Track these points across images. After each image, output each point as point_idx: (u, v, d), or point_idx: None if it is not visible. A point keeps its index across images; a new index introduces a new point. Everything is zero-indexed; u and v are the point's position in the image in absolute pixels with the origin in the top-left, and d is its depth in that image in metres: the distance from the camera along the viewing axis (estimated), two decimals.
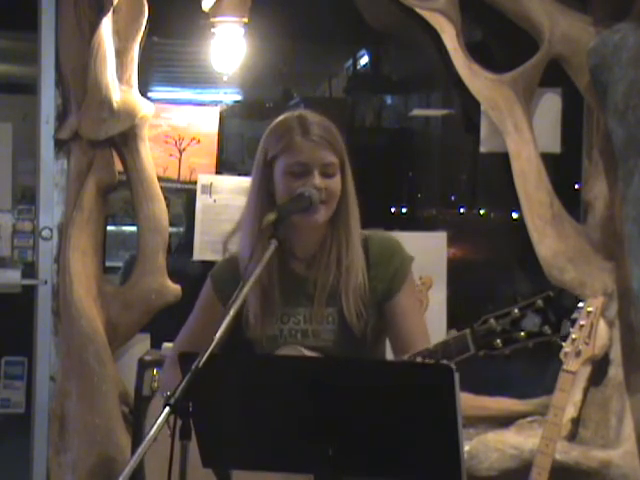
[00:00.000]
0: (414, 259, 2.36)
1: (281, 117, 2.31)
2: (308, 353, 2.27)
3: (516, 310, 2.03)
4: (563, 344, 3.01)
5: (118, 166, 3.56)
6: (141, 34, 3.50)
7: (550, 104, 3.59)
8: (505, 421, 3.47)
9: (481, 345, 2.05)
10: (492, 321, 2.04)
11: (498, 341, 2.02)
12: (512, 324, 2.02)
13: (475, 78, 3.50)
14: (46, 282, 3.55)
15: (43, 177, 3.56)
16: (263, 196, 2.29)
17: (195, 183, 3.68)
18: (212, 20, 3.55)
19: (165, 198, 3.58)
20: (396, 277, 2.31)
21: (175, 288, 3.55)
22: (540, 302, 2.01)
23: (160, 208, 3.54)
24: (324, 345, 2.30)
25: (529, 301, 2.02)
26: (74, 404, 3.42)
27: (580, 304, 3.06)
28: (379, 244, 2.34)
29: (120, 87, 3.45)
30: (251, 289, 2.26)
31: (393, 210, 5.02)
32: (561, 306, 2.03)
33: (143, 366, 3.24)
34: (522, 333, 2.01)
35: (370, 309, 2.29)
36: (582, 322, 3.01)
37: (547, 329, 1.99)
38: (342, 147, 2.29)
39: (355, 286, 2.26)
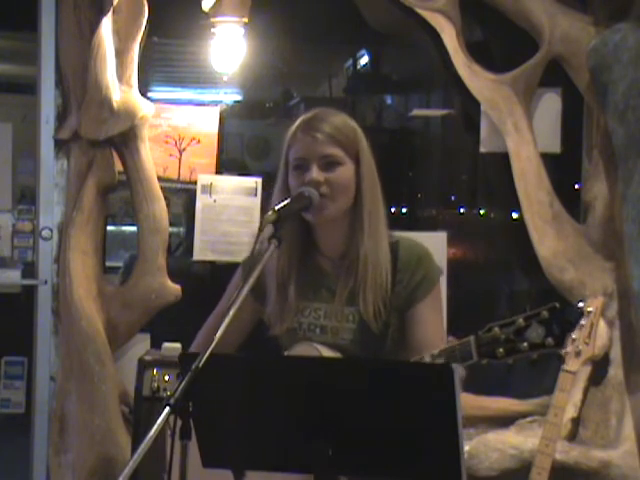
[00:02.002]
0: (443, 273, 2.34)
1: (303, 115, 2.33)
2: (323, 350, 2.26)
3: (521, 320, 2.02)
4: None
5: (118, 166, 3.56)
6: (141, 34, 3.50)
7: (550, 104, 3.59)
8: (505, 421, 3.46)
9: (483, 353, 2.05)
10: (496, 329, 2.04)
11: (501, 350, 2.02)
12: (516, 333, 2.01)
13: (475, 78, 3.50)
14: (46, 282, 3.55)
15: (43, 177, 3.56)
16: (284, 192, 2.30)
17: (195, 183, 3.68)
18: (212, 20, 3.55)
19: (165, 198, 3.58)
20: (421, 287, 2.28)
21: (175, 288, 3.55)
22: (545, 313, 2.00)
23: (160, 208, 3.54)
24: (342, 343, 2.28)
25: (535, 311, 2.02)
26: (74, 404, 3.42)
27: (580, 304, 3.06)
28: (408, 250, 2.30)
29: (120, 87, 3.45)
30: (271, 287, 2.28)
31: (393, 210, 5.01)
32: (566, 320, 2.02)
33: (143, 366, 3.24)
34: (525, 344, 2.00)
35: (392, 312, 2.27)
36: (582, 322, 3.01)
37: (550, 341, 1.98)
38: (354, 143, 2.26)
39: (375, 285, 2.23)
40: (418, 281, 2.28)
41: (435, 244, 3.61)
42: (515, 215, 4.10)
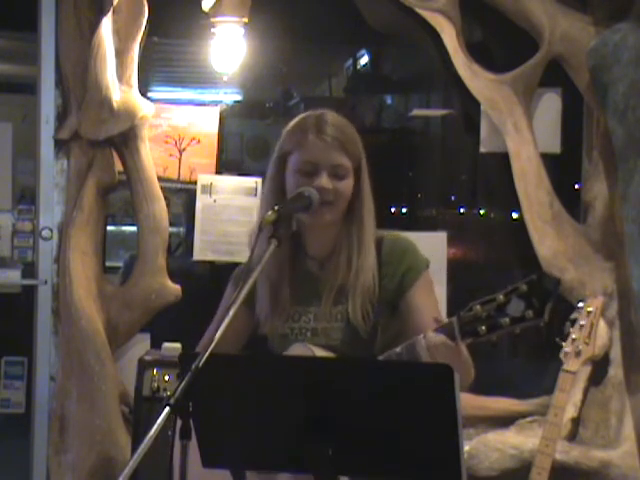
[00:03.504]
0: (430, 263, 2.35)
1: (303, 114, 2.32)
2: (317, 350, 2.26)
3: (501, 296, 2.01)
4: (563, 344, 3.02)
5: (118, 166, 3.56)
6: (141, 34, 3.50)
7: (550, 104, 3.59)
8: (505, 421, 3.47)
9: (466, 332, 2.04)
10: (478, 307, 2.03)
11: (483, 327, 2.01)
12: (497, 310, 2.01)
13: (475, 78, 3.50)
14: (46, 282, 3.55)
15: (43, 177, 3.56)
16: (275, 191, 2.29)
17: (195, 183, 3.68)
18: (212, 20, 3.55)
19: (165, 198, 3.58)
20: (407, 276, 2.30)
21: (175, 288, 3.55)
22: (524, 287, 1.99)
23: (160, 208, 3.54)
24: (333, 344, 2.29)
25: (514, 286, 2.01)
26: (74, 404, 3.42)
27: (580, 304, 3.06)
28: (392, 244, 2.33)
29: (120, 87, 3.45)
30: (261, 287, 2.28)
31: (393, 210, 5.00)
32: (544, 290, 2.00)
33: (143, 366, 3.24)
34: (506, 319, 1.99)
35: (379, 307, 2.28)
36: (582, 322, 3.01)
37: (530, 314, 1.97)
38: (358, 151, 2.28)
39: (363, 289, 2.25)
40: (403, 272, 2.30)
41: (435, 244, 3.62)
42: (515, 215, 4.10)
